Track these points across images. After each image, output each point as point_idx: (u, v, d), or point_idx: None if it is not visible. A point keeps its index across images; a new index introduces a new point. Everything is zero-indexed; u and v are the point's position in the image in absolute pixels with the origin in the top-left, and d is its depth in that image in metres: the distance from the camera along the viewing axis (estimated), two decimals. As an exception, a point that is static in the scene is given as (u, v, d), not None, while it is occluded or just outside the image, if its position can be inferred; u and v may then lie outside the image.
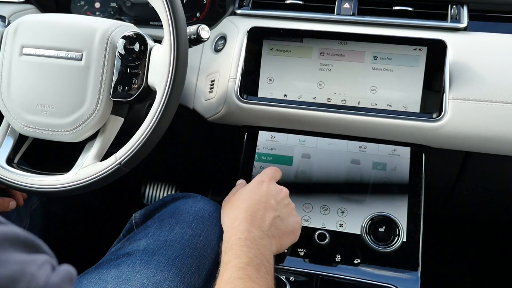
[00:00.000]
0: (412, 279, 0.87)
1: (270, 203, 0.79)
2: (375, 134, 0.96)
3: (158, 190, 1.60)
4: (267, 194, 0.80)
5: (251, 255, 0.68)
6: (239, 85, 0.98)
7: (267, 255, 0.70)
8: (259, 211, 0.76)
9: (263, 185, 0.82)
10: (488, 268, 1.52)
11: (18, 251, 0.41)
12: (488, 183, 1.11)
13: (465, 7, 1.02)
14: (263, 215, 0.76)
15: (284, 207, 0.81)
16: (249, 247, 0.69)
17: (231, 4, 1.12)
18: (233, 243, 0.70)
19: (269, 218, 0.76)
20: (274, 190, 0.82)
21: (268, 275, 0.67)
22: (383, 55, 0.94)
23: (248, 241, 0.70)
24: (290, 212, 0.82)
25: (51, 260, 0.43)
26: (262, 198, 0.79)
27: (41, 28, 0.85)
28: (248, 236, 0.71)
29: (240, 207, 0.78)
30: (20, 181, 0.85)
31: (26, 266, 0.40)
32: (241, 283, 0.62)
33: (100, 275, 0.83)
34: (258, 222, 0.75)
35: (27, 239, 0.43)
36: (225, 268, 0.67)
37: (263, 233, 0.73)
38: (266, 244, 0.72)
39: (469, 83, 0.92)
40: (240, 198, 0.80)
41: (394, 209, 0.92)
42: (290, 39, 0.98)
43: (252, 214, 0.76)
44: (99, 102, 0.82)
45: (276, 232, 0.77)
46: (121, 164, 0.79)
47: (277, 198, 0.81)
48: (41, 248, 0.44)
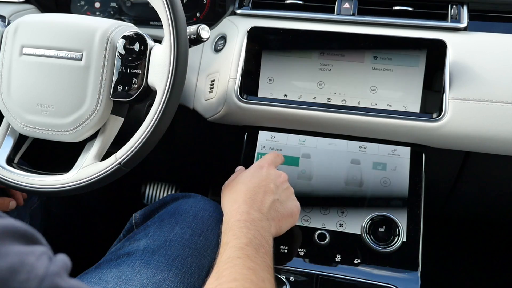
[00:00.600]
0: (412, 279, 0.87)
1: (270, 187, 0.79)
2: (375, 134, 0.96)
3: (158, 190, 1.60)
4: (266, 178, 0.81)
5: (250, 236, 0.68)
6: (239, 85, 0.98)
7: (266, 236, 0.71)
8: (258, 194, 0.77)
9: (262, 170, 0.83)
10: (488, 268, 1.52)
11: (17, 243, 0.42)
12: (488, 183, 1.11)
13: (465, 7, 1.02)
14: (262, 198, 0.77)
15: (283, 191, 0.82)
16: (248, 228, 0.70)
17: (231, 4, 1.12)
18: (233, 224, 0.71)
19: (269, 201, 0.77)
20: (274, 174, 0.83)
21: (266, 255, 0.68)
22: (383, 55, 0.94)
23: (247, 223, 0.71)
24: (289, 196, 0.82)
25: (47, 251, 0.44)
26: (261, 182, 0.80)
27: (41, 28, 0.85)
28: (248, 218, 0.72)
29: (240, 190, 0.79)
30: (20, 181, 0.85)
31: (26, 257, 0.40)
32: (240, 262, 0.63)
33: (100, 275, 0.83)
34: (258, 204, 0.75)
35: (25, 231, 0.44)
36: (224, 249, 0.68)
37: (262, 215, 0.74)
38: (265, 225, 0.73)
39: (469, 83, 0.92)
40: (239, 182, 0.81)
41: (394, 209, 0.92)
42: (290, 39, 0.97)
43: (251, 197, 0.76)
44: (99, 102, 0.82)
45: (276, 215, 0.77)
46: (121, 164, 0.79)
47: (276, 182, 0.81)
48: (38, 239, 0.45)
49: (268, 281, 0.62)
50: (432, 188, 0.99)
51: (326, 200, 0.95)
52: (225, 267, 0.63)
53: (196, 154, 1.32)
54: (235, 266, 0.63)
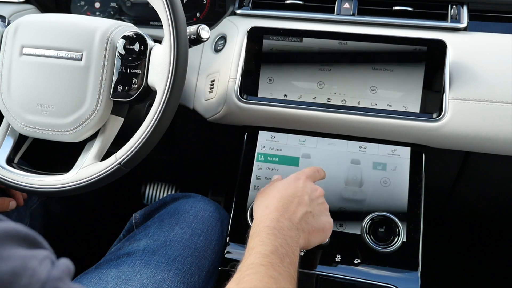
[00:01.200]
0: (412, 279, 0.87)
1: (304, 199, 0.78)
2: (375, 134, 0.96)
3: (158, 190, 1.61)
4: (302, 190, 0.80)
5: (277, 244, 0.67)
6: (239, 85, 0.98)
7: (293, 246, 0.70)
8: (292, 204, 0.76)
9: (299, 181, 0.81)
10: (488, 268, 1.52)
11: (19, 246, 0.41)
12: (488, 183, 1.11)
13: (465, 7, 1.02)
14: (295, 209, 0.76)
15: (318, 205, 0.80)
16: (276, 235, 0.69)
17: (231, 4, 1.12)
18: (261, 230, 0.70)
19: (301, 212, 0.76)
20: (310, 187, 0.81)
21: (291, 265, 0.67)
22: (383, 55, 0.94)
23: (275, 230, 0.70)
24: (323, 212, 0.81)
25: (50, 255, 0.44)
26: (297, 193, 0.78)
27: (41, 28, 0.85)
28: (277, 226, 0.71)
29: (274, 198, 0.78)
30: (20, 181, 0.85)
31: (28, 261, 0.40)
32: (263, 269, 0.62)
33: (100, 275, 0.83)
34: (289, 214, 0.74)
35: (27, 235, 0.43)
36: (249, 254, 0.67)
37: (292, 224, 0.73)
38: (294, 235, 0.72)
39: (469, 83, 0.92)
40: (275, 190, 0.80)
41: (394, 209, 0.92)
42: (290, 39, 0.98)
43: (284, 205, 0.75)
44: (99, 102, 0.82)
45: (306, 227, 0.76)
46: (121, 164, 0.79)
47: (312, 196, 0.80)
48: (41, 243, 0.45)
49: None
50: (432, 188, 0.99)
51: (326, 200, 0.95)
52: (247, 272, 0.62)
53: (196, 154, 1.32)
54: (257, 273, 0.62)
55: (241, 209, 0.95)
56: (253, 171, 0.98)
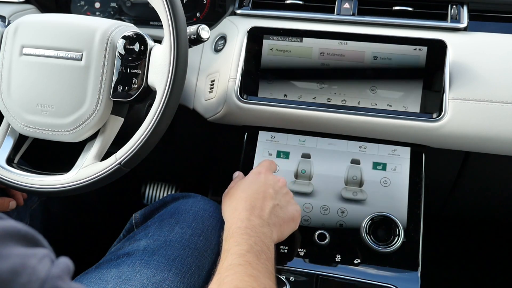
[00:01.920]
0: (412, 279, 0.87)
1: (269, 192, 0.80)
2: (375, 134, 0.96)
3: (158, 190, 1.61)
4: (265, 184, 0.81)
5: (251, 242, 0.68)
6: (239, 85, 0.98)
7: (267, 242, 0.71)
8: (258, 200, 0.77)
9: (260, 176, 0.83)
10: (488, 268, 1.52)
11: (18, 245, 0.42)
12: (488, 183, 1.11)
13: (465, 7, 1.02)
14: (262, 204, 0.77)
15: (283, 196, 0.82)
16: (249, 235, 0.70)
17: (231, 4, 1.12)
18: (234, 231, 0.71)
19: (269, 207, 0.77)
20: (272, 180, 0.83)
21: (268, 261, 0.68)
22: (383, 55, 0.94)
23: (248, 229, 0.71)
24: (289, 201, 0.83)
25: (49, 253, 0.44)
26: (260, 188, 0.80)
27: (41, 28, 0.85)
28: (248, 225, 0.72)
29: (240, 198, 0.79)
30: (20, 181, 0.85)
31: (27, 260, 0.40)
32: (241, 269, 0.63)
33: (100, 275, 0.83)
34: (258, 211, 0.75)
35: (27, 233, 0.43)
36: (225, 256, 0.68)
37: (263, 221, 0.74)
38: (267, 231, 0.73)
39: (469, 83, 0.92)
40: (239, 189, 0.81)
41: (394, 209, 0.92)
42: (290, 39, 0.98)
43: (251, 204, 0.77)
44: (99, 102, 0.82)
45: (276, 220, 0.77)
46: (121, 164, 0.79)
47: (275, 187, 0.82)
48: (40, 242, 0.45)
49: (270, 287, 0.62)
50: (432, 188, 0.99)
51: (326, 200, 0.95)
52: (226, 274, 0.63)
53: (196, 154, 1.32)
54: (236, 273, 0.63)
55: (241, 209, 0.95)
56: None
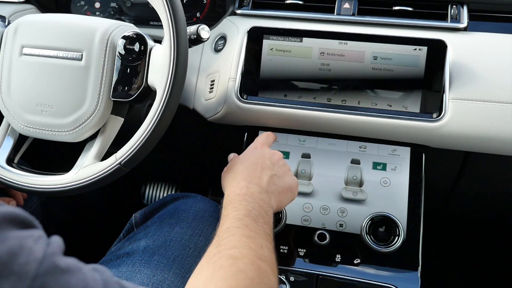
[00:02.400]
0: (412, 279, 0.87)
1: (266, 164, 0.81)
2: (375, 134, 0.96)
3: (158, 190, 1.61)
4: (262, 156, 0.83)
5: (249, 208, 0.70)
6: (239, 85, 0.98)
7: (265, 207, 0.72)
8: (256, 171, 0.79)
9: (257, 149, 0.85)
10: (488, 268, 1.52)
11: (15, 228, 0.43)
12: (488, 183, 1.11)
13: (465, 7, 1.02)
14: (260, 174, 0.79)
15: (280, 167, 0.83)
16: (247, 201, 0.71)
17: (231, 4, 1.12)
18: (233, 198, 0.73)
19: (267, 176, 0.79)
20: (268, 152, 0.85)
21: (266, 224, 0.69)
22: (383, 55, 0.94)
23: (246, 196, 0.72)
24: (286, 172, 0.84)
25: (43, 234, 0.46)
26: (258, 160, 0.82)
27: (41, 28, 0.85)
28: (247, 192, 0.74)
29: (238, 170, 0.80)
30: (20, 181, 0.85)
31: (24, 241, 0.42)
32: (238, 231, 0.65)
33: (100, 275, 0.83)
34: (256, 179, 0.77)
35: (23, 217, 0.45)
36: (224, 220, 0.69)
37: (261, 188, 0.76)
38: (265, 198, 0.74)
39: (469, 83, 0.92)
40: (237, 163, 0.83)
41: (394, 209, 0.92)
42: (290, 39, 0.98)
43: (250, 173, 0.78)
44: (99, 102, 0.82)
45: (275, 188, 0.79)
46: (121, 164, 0.79)
47: (272, 159, 0.83)
48: (34, 224, 0.47)
49: (266, 247, 0.64)
50: (432, 188, 0.99)
51: (326, 200, 0.95)
52: (224, 236, 0.65)
53: (196, 154, 1.32)
54: (234, 235, 0.64)
55: (241, 209, 0.95)
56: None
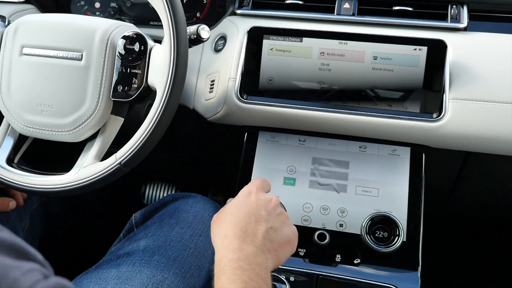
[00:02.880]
0: (412, 279, 0.87)
1: (261, 215, 0.71)
2: (375, 134, 0.96)
3: (158, 190, 1.60)
4: (256, 206, 0.73)
5: (246, 278, 0.63)
6: (239, 85, 0.98)
7: (262, 274, 0.65)
8: (250, 225, 0.70)
9: (251, 196, 0.74)
10: (488, 268, 1.53)
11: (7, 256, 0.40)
12: (488, 183, 1.11)
13: (465, 7, 1.02)
14: (254, 229, 0.69)
15: (276, 217, 0.74)
16: (242, 268, 0.64)
17: (231, 4, 1.12)
18: (225, 265, 0.65)
19: (262, 231, 0.69)
20: (263, 199, 0.74)
21: None
22: (383, 55, 0.94)
23: (241, 262, 0.64)
24: (284, 222, 0.74)
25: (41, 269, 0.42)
26: (251, 210, 0.72)
27: (41, 28, 0.85)
28: (241, 256, 0.65)
29: (229, 223, 0.71)
30: (20, 181, 0.85)
31: (9, 271, 0.39)
32: None
33: (100, 275, 0.83)
34: (250, 237, 0.68)
35: (14, 245, 0.42)
36: None
37: (256, 248, 0.67)
38: (261, 261, 0.66)
39: (469, 83, 0.92)
40: (228, 213, 0.73)
41: (394, 209, 0.92)
42: (290, 39, 0.98)
43: (242, 229, 0.69)
44: (99, 102, 0.82)
45: (271, 245, 0.70)
46: (121, 164, 0.79)
47: (268, 208, 0.73)
48: (31, 256, 0.43)
49: None
50: (432, 188, 0.99)
51: (326, 200, 0.95)
52: None
53: (196, 154, 1.32)
54: None
55: (241, 209, 0.95)
56: (253, 171, 0.98)
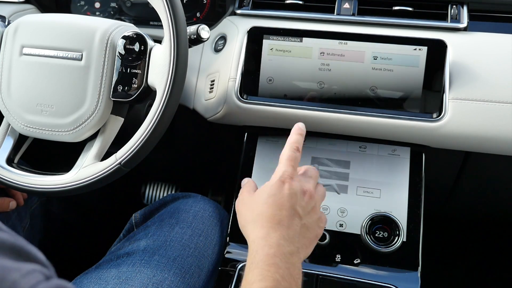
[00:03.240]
0: (412, 279, 0.87)
1: (295, 209, 0.69)
2: (375, 134, 0.96)
3: (158, 190, 1.60)
4: (290, 198, 0.69)
5: (278, 277, 0.61)
6: (239, 85, 0.98)
7: (295, 275, 0.63)
8: (285, 219, 0.67)
9: (285, 186, 0.70)
10: (488, 268, 1.52)
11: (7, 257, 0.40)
12: (488, 183, 1.11)
13: (465, 7, 1.02)
14: (290, 223, 0.68)
15: (309, 213, 0.71)
16: (277, 266, 0.62)
17: (231, 4, 1.12)
18: (260, 259, 0.63)
19: (297, 227, 0.68)
20: (299, 191, 0.71)
21: None
22: (383, 55, 0.94)
23: (277, 258, 0.63)
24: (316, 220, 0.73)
25: (43, 270, 0.41)
26: (285, 203, 0.69)
27: (41, 28, 0.85)
28: (278, 252, 0.63)
29: (264, 213, 0.68)
30: (20, 181, 0.85)
31: (8, 273, 0.38)
32: None
33: (100, 275, 0.83)
34: (287, 231, 0.66)
35: (15, 246, 0.41)
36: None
37: (293, 247, 0.65)
38: (296, 260, 0.65)
39: (469, 83, 0.92)
40: (261, 201, 0.70)
41: (394, 209, 0.92)
42: (290, 39, 0.98)
43: (280, 222, 0.67)
44: (99, 102, 0.82)
45: (304, 243, 0.69)
46: (121, 164, 0.79)
47: (302, 203, 0.71)
48: (32, 257, 0.42)
49: None
50: (432, 188, 0.99)
51: (326, 200, 0.94)
52: None
53: (196, 154, 1.32)
54: None
55: (241, 209, 0.95)
56: (253, 171, 0.98)
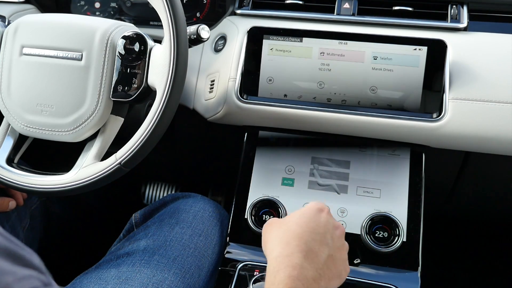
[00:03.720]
0: (412, 279, 0.87)
1: (326, 238, 0.67)
2: (375, 134, 0.96)
3: (158, 190, 1.61)
4: (324, 226, 0.68)
5: None
6: (239, 85, 0.98)
7: None
8: (315, 243, 0.65)
9: (321, 215, 0.69)
10: (488, 268, 1.53)
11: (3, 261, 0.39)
12: (488, 183, 1.11)
13: (465, 7, 1.02)
14: (318, 249, 0.65)
15: (338, 248, 0.69)
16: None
17: (231, 4, 1.12)
18: (281, 280, 0.60)
19: (324, 255, 0.65)
20: (332, 224, 0.70)
21: None
22: (383, 55, 0.94)
23: (299, 282, 0.60)
24: (342, 257, 0.70)
25: (40, 276, 0.41)
26: (319, 229, 0.67)
27: (41, 28, 0.85)
28: (300, 275, 0.60)
29: (293, 232, 0.66)
30: (20, 181, 0.85)
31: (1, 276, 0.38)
32: None
33: (100, 275, 0.83)
34: (313, 256, 0.63)
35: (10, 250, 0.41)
36: None
37: (317, 273, 0.62)
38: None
39: (469, 83, 0.92)
40: (293, 222, 0.68)
41: (394, 209, 0.92)
42: (290, 39, 0.98)
43: (307, 244, 0.64)
44: (99, 102, 0.82)
45: (327, 274, 0.65)
46: (121, 164, 0.79)
47: (334, 235, 0.69)
48: (29, 262, 0.42)
49: None
50: (432, 188, 0.99)
51: (326, 200, 0.95)
52: None
53: (196, 154, 1.32)
54: None
55: (241, 209, 0.95)
56: (253, 171, 0.98)
